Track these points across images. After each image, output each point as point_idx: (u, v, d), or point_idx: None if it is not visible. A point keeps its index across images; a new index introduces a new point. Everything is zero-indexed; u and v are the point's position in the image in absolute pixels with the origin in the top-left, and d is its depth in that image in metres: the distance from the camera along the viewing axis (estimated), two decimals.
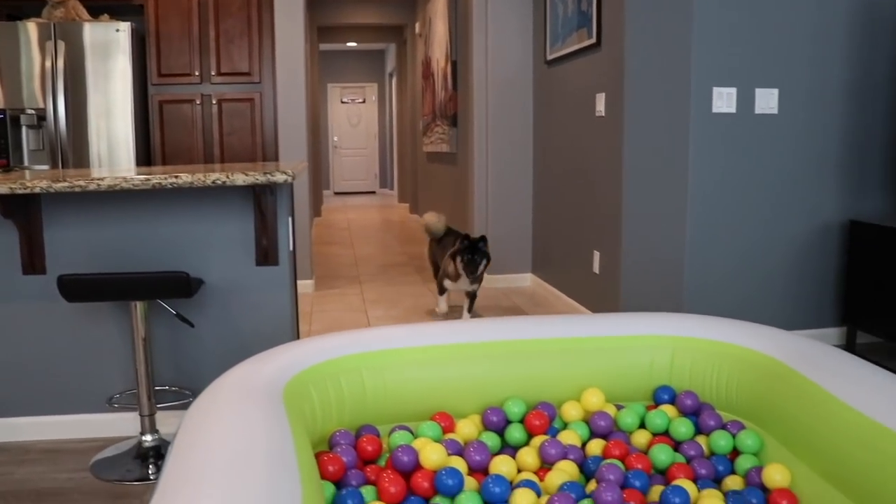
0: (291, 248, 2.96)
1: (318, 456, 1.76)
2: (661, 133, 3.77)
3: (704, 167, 3.69)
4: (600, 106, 4.13)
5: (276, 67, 5.21)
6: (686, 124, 3.65)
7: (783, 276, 3.88)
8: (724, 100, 3.65)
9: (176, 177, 2.44)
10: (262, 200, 2.72)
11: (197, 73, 5.10)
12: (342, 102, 15.68)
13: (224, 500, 1.17)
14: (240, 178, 2.48)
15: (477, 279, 4.27)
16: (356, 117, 15.78)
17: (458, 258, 4.15)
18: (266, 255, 2.81)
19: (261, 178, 2.50)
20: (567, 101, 4.74)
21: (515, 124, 5.55)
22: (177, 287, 2.45)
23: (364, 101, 15.77)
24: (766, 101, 3.71)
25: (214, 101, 5.16)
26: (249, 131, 5.25)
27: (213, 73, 5.11)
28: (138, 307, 2.58)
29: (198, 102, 5.14)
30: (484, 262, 4.15)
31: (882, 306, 3.62)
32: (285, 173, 2.53)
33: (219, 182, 2.47)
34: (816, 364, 1.81)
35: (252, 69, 5.15)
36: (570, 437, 1.96)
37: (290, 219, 2.89)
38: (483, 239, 4.13)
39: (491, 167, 5.55)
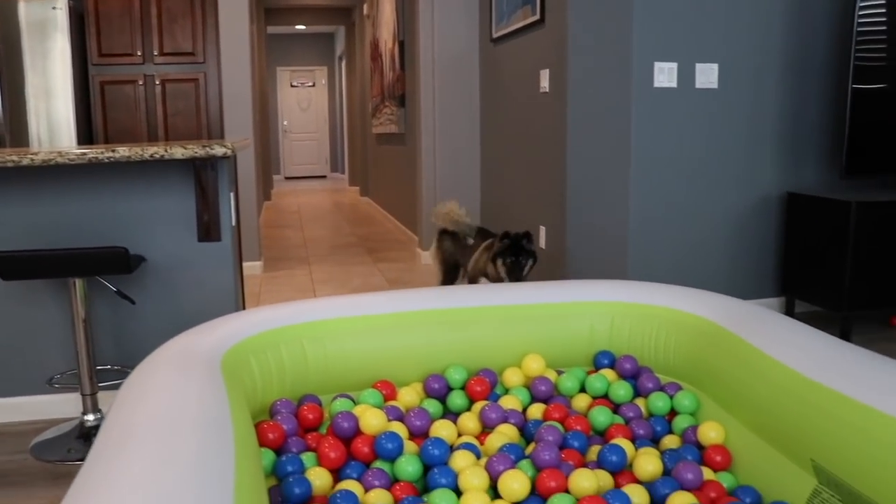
0: (234, 223, 2.93)
1: (258, 425, 1.75)
2: (604, 108, 3.80)
3: (646, 141, 3.74)
4: (544, 82, 4.15)
5: (220, 47, 5.14)
6: (628, 99, 3.69)
7: (725, 248, 3.95)
8: (665, 74, 3.69)
9: (113, 150, 2.40)
10: (203, 175, 2.69)
11: (139, 53, 5.01)
12: (292, 86, 15.54)
13: (155, 461, 1.17)
14: (178, 152, 2.45)
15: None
16: (306, 101, 15.66)
17: (500, 261, 3.54)
18: (208, 230, 2.78)
19: (200, 152, 2.48)
20: (512, 79, 4.76)
21: (462, 102, 5.56)
22: (116, 263, 2.41)
23: (314, 85, 15.64)
24: (707, 75, 3.77)
25: (158, 82, 5.07)
26: (194, 112, 5.17)
27: (155, 53, 5.02)
28: (77, 285, 2.54)
29: (140, 83, 5.05)
30: (530, 262, 3.54)
31: (818, 275, 3.71)
32: (224, 146, 2.51)
33: (157, 156, 2.43)
34: (748, 324, 1.86)
35: (196, 49, 5.07)
36: (510, 402, 1.98)
37: (231, 194, 2.87)
38: (527, 235, 3.52)
39: (438, 146, 5.56)
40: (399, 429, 1.80)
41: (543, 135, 4.24)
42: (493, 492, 1.64)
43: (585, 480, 1.59)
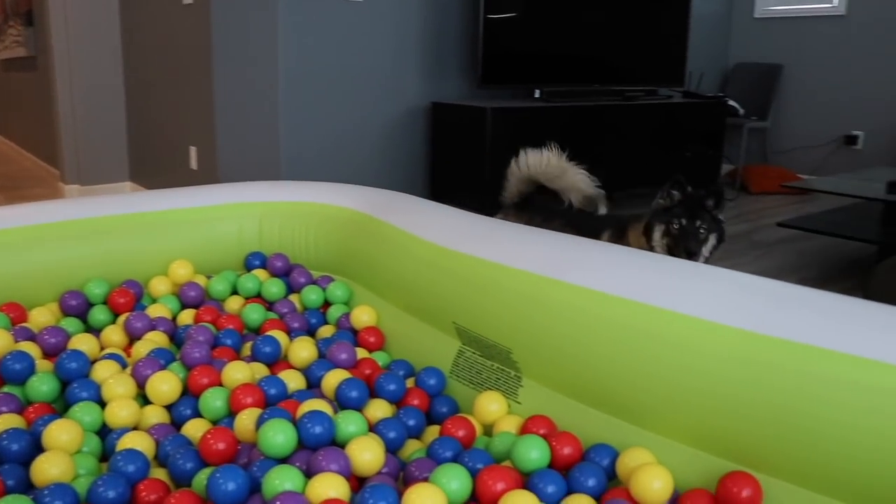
0: None
1: None
2: (250, 18, 3.70)
3: (294, 52, 3.71)
4: None
5: None
6: (275, 9, 3.62)
7: (378, 159, 4.08)
8: None
9: None
10: None
11: None
12: None
13: None
14: None
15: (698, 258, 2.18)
16: None
17: (660, 228, 2.18)
18: None
19: None
20: None
21: (100, 18, 5.11)
22: None
23: None
24: None
25: None
26: None
27: None
28: None
29: None
30: (715, 236, 2.17)
31: (462, 178, 3.97)
32: None
33: None
34: (389, 208, 1.94)
35: None
36: (158, 311, 1.89)
37: None
38: (715, 192, 2.15)
39: (75, 68, 5.08)
40: (30, 349, 1.64)
41: (188, 51, 4.04)
42: (144, 399, 1.57)
43: (238, 372, 1.57)
